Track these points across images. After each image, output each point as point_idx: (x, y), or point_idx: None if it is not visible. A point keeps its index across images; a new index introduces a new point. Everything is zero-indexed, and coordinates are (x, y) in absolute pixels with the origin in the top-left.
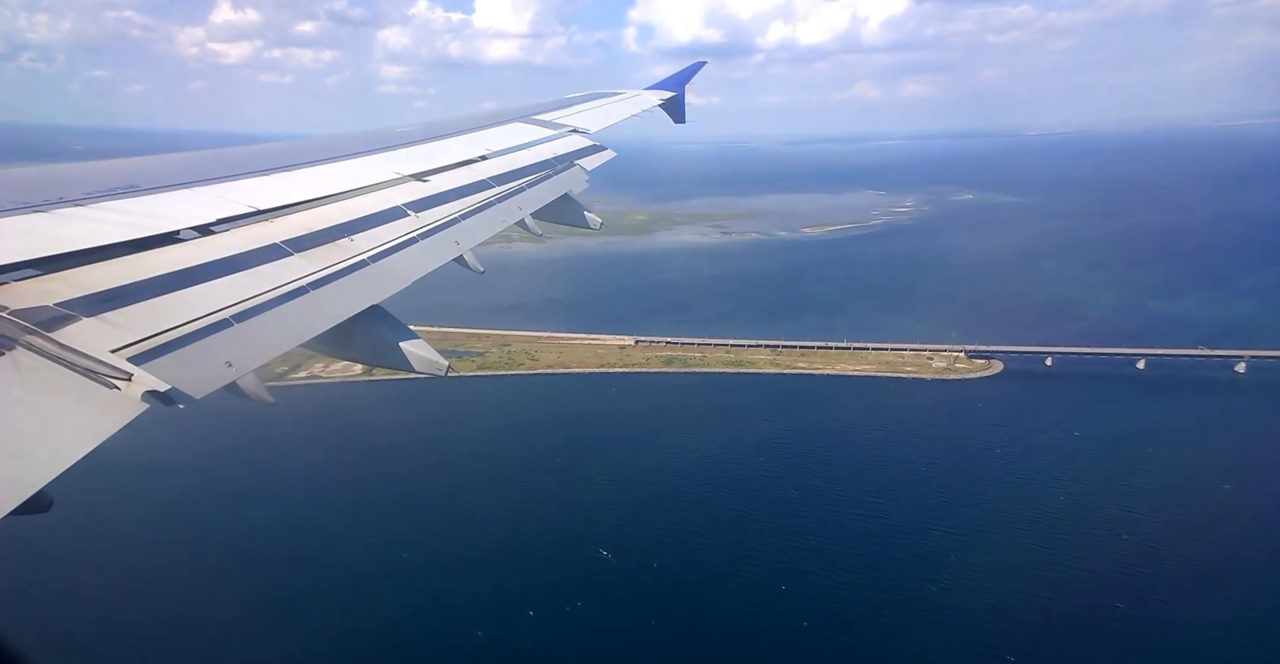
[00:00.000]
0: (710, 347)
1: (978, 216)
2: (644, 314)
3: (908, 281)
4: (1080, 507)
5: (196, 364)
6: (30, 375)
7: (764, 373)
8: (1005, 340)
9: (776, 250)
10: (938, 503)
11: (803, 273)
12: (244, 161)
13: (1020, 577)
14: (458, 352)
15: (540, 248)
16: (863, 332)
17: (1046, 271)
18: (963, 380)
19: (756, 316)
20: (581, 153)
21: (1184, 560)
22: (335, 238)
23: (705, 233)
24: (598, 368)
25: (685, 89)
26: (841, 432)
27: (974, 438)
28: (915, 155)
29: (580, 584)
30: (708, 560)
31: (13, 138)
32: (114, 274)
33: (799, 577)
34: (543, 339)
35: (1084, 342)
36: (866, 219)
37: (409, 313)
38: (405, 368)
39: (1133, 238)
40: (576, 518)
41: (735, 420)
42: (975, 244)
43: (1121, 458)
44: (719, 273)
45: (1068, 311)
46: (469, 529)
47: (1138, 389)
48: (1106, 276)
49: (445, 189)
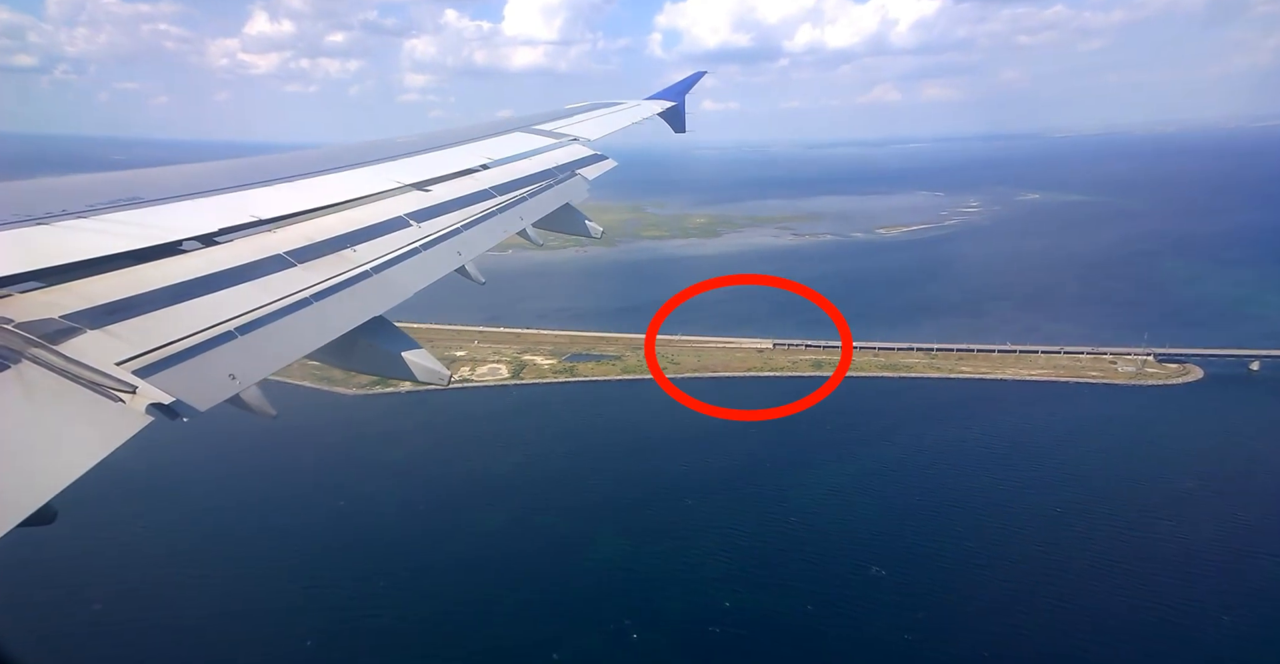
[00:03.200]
0: (855, 350)
1: (1058, 216)
2: (764, 316)
3: (1032, 281)
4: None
5: (201, 376)
6: (35, 388)
7: (928, 377)
8: (1198, 343)
9: (863, 252)
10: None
11: (908, 274)
12: (246, 172)
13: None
14: (592, 355)
15: (616, 250)
16: (1013, 334)
17: (1180, 270)
18: (1162, 387)
19: (886, 319)
20: (582, 162)
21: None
22: (338, 248)
23: (776, 235)
24: (745, 371)
25: (685, 99)
26: (1069, 440)
27: (1224, 452)
28: (947, 158)
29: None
30: (993, 579)
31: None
32: (118, 286)
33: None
34: (672, 342)
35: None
36: (939, 219)
37: (526, 316)
38: (409, 378)
39: (1247, 236)
40: (832, 532)
41: (936, 427)
42: (1078, 243)
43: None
44: (819, 274)
45: (1236, 312)
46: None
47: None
48: (1258, 276)
49: (447, 199)
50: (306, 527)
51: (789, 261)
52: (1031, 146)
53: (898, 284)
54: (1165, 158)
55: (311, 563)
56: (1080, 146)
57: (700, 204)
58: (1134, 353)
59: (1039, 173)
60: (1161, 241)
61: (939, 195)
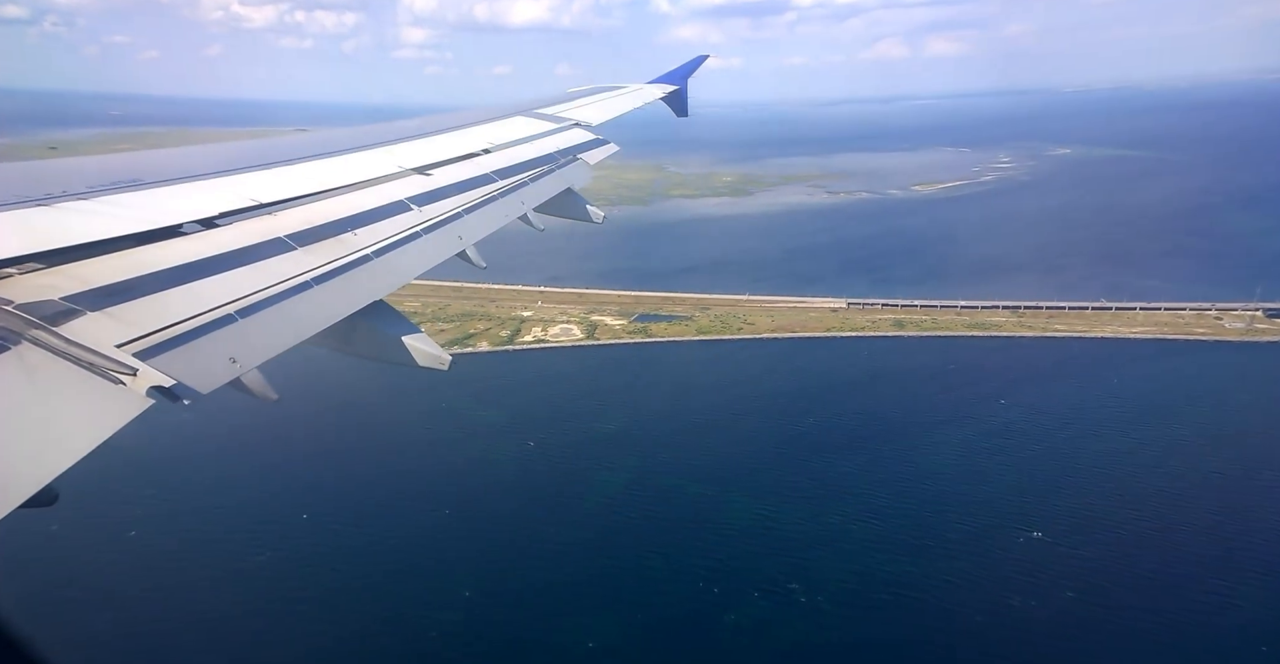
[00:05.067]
0: (935, 309)
1: (1099, 170)
2: (830, 275)
3: (1102, 236)
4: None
5: (201, 359)
6: (36, 370)
7: (1022, 336)
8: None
9: (907, 209)
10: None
11: (965, 230)
12: (247, 155)
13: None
14: (659, 316)
15: (650, 210)
16: (1101, 291)
17: (1250, 223)
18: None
19: (957, 278)
20: (584, 146)
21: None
22: (338, 232)
23: (809, 193)
24: (825, 331)
25: (688, 83)
26: (1204, 398)
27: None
28: (960, 114)
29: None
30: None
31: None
32: (118, 268)
33: None
34: (741, 302)
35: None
36: (973, 176)
37: (586, 276)
38: (408, 362)
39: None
40: (975, 495)
41: (1050, 387)
42: (1134, 196)
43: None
44: (871, 233)
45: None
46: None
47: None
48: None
49: (448, 183)
50: (432, 488)
51: (834, 219)
52: (1043, 102)
53: (958, 241)
54: (1189, 112)
55: (450, 524)
56: (1093, 101)
57: (721, 163)
58: (1240, 308)
59: (1060, 128)
60: (1219, 195)
61: (964, 152)
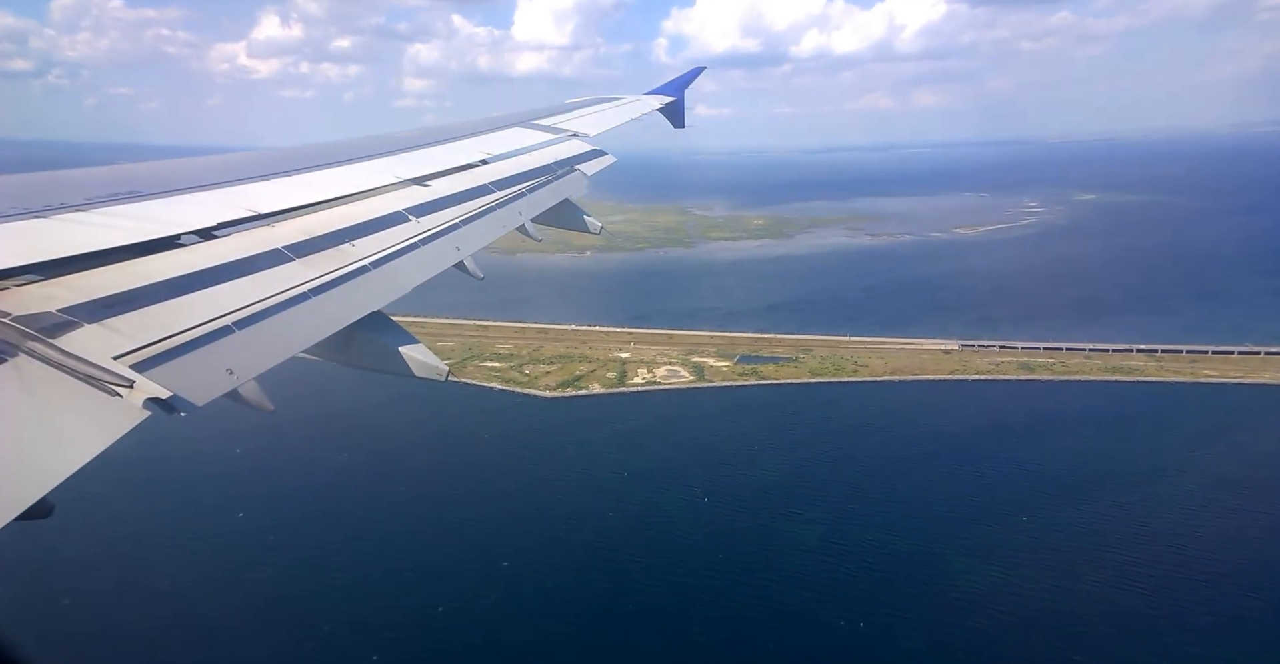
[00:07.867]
0: (1059, 351)
1: (1135, 215)
2: (924, 314)
3: (1191, 276)
4: None
5: (198, 371)
6: (32, 382)
7: (1175, 381)
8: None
9: (958, 251)
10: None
11: (1039, 270)
12: (245, 166)
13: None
14: (762, 357)
15: (697, 251)
16: (1230, 334)
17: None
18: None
19: (1059, 319)
20: (582, 157)
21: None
22: (336, 243)
23: (850, 235)
24: (949, 373)
25: (684, 94)
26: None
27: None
28: (955, 162)
29: None
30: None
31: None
32: (116, 279)
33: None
34: (843, 343)
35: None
36: (1010, 220)
37: (671, 317)
38: (405, 373)
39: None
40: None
41: (1242, 436)
42: (1192, 239)
43: None
44: (940, 273)
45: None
46: None
47: None
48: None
49: (446, 194)
50: (609, 538)
51: (890, 261)
52: (1032, 152)
53: (1040, 281)
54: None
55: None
56: (1083, 151)
57: (742, 207)
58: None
59: (1069, 175)
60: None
61: (984, 197)
